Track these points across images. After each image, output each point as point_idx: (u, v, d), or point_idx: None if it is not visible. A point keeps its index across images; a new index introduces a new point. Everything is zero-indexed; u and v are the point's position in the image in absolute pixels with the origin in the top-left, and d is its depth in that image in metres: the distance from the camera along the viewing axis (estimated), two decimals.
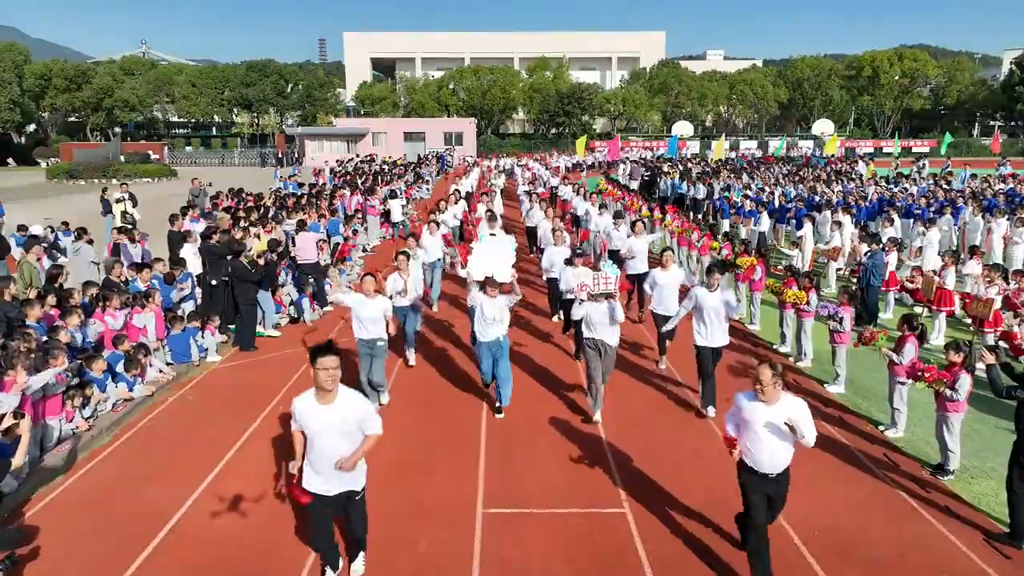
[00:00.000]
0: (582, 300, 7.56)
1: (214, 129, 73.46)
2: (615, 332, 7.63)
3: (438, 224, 12.48)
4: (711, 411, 7.98)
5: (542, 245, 13.30)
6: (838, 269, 14.44)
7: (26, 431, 5.83)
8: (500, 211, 17.04)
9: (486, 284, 7.71)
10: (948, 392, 6.42)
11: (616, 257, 11.97)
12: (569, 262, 9.68)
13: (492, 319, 7.66)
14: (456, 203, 16.39)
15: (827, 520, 5.94)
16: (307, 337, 10.75)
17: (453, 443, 7.41)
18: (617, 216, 13.72)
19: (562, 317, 11.08)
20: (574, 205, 17.88)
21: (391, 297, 8.68)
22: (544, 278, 11.89)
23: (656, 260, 9.81)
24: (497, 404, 8.06)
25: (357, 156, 47.35)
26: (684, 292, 8.90)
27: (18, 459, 5.69)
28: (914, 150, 53.24)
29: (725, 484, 6.56)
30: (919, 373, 6.60)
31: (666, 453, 7.18)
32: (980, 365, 6.44)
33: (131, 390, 8.32)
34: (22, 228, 14.46)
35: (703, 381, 8.04)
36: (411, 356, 9.75)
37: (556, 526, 5.90)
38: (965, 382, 6.40)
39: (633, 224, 11.77)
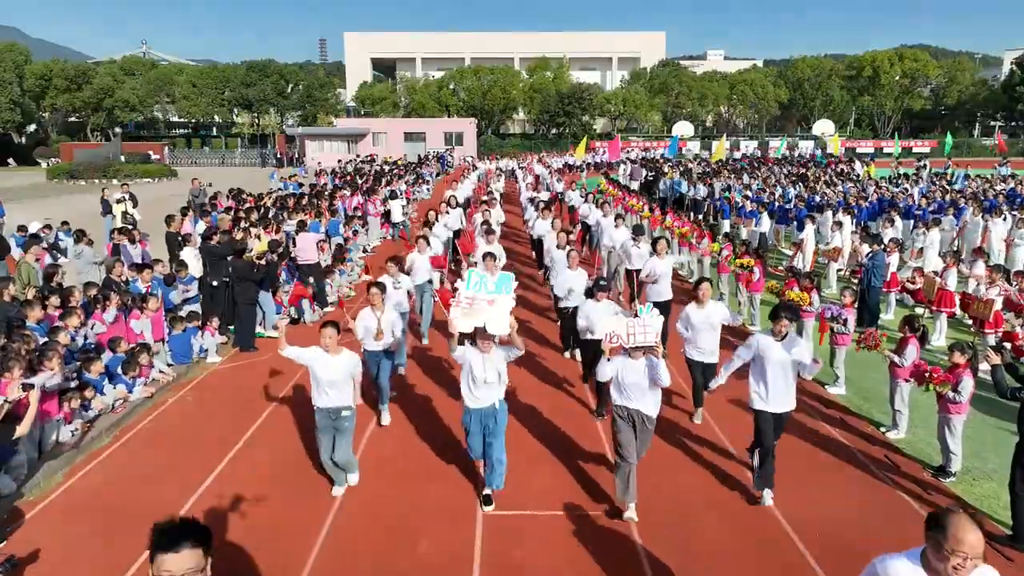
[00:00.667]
0: (610, 357, 5.86)
1: (214, 129, 73.48)
2: (656, 399, 5.92)
3: (428, 241, 10.74)
4: (768, 497, 6.17)
5: (548, 261, 11.66)
6: (839, 270, 14.44)
7: (34, 401, 5.94)
8: (501, 219, 15.64)
9: (476, 335, 5.95)
10: (951, 394, 6.40)
11: (633, 278, 10.76)
12: (590, 294, 8.00)
13: (484, 381, 5.91)
14: (452, 209, 15.21)
15: (828, 522, 5.91)
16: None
17: (452, 446, 7.38)
18: (637, 231, 11.82)
19: (579, 358, 9.33)
20: (583, 214, 16.40)
21: (361, 339, 7.36)
22: (556, 305, 10.28)
23: (687, 288, 8.61)
24: (486, 490, 6.24)
25: (357, 156, 47.42)
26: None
27: (23, 428, 5.86)
28: (915, 150, 53.25)
29: (725, 486, 6.56)
30: (927, 376, 6.56)
31: (666, 455, 7.16)
32: (984, 366, 6.42)
33: (130, 391, 8.30)
34: (22, 228, 14.47)
35: (761, 457, 6.18)
36: (385, 414, 7.94)
37: (557, 528, 5.88)
38: (968, 384, 6.37)
39: (655, 242, 9.93)
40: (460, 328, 5.95)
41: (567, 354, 10.08)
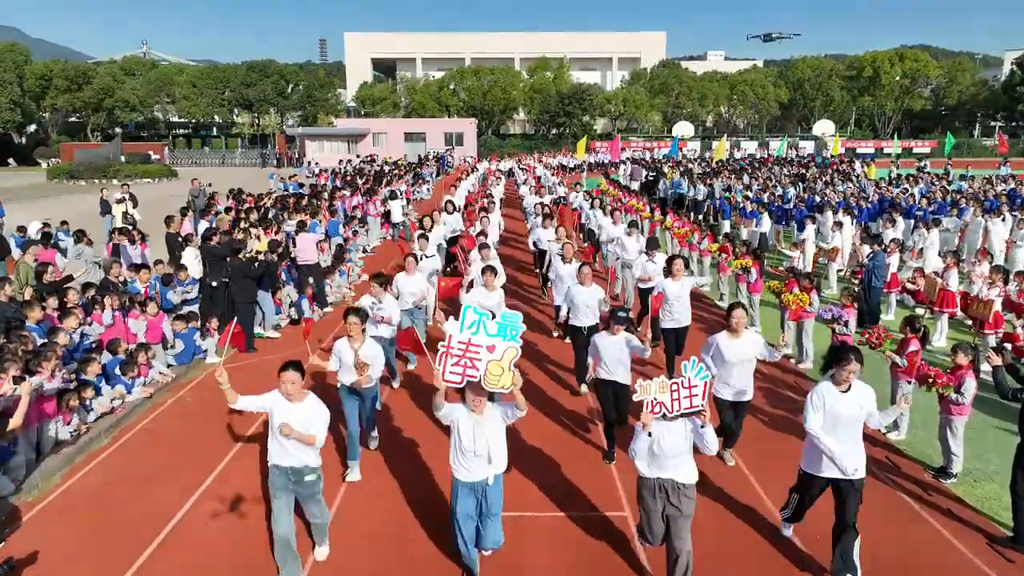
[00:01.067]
0: (650, 431, 4.73)
1: (215, 129, 73.51)
2: (693, 464, 4.90)
3: (417, 259, 9.61)
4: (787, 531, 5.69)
5: (551, 273, 10.48)
6: (839, 270, 14.43)
7: (25, 393, 5.95)
8: (500, 227, 14.66)
9: (468, 391, 4.89)
10: (954, 395, 6.38)
11: (648, 295, 9.61)
12: (605, 325, 6.99)
13: (474, 453, 4.85)
14: (449, 216, 14.16)
15: (829, 523, 5.89)
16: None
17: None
18: (651, 245, 10.35)
19: (593, 395, 8.22)
20: (585, 219, 15.13)
21: (335, 371, 6.42)
22: (557, 320, 9.45)
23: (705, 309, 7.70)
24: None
25: (358, 156, 47.44)
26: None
27: (16, 420, 5.88)
28: (915, 151, 53.25)
29: (725, 487, 6.54)
30: (929, 378, 6.54)
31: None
32: (985, 367, 6.40)
33: (129, 392, 8.29)
34: (21, 229, 14.46)
35: (794, 509, 5.48)
36: (373, 441, 7.20)
37: (557, 529, 5.87)
38: (971, 385, 6.35)
39: (670, 261, 8.75)
40: (448, 381, 4.83)
41: (583, 389, 8.79)
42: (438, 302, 9.77)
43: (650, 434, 4.73)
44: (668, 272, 8.69)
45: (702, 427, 4.71)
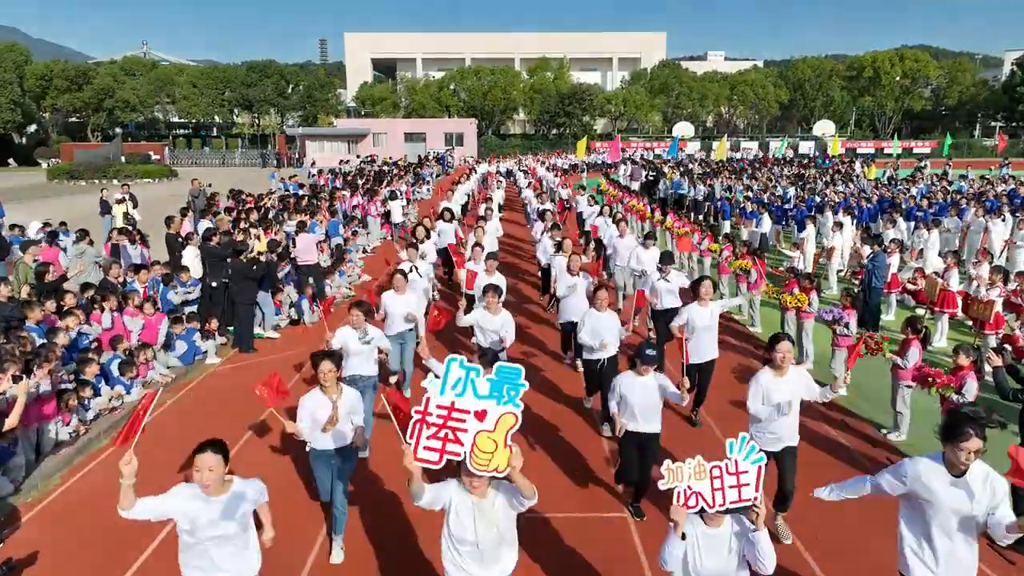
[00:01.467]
0: (684, 533, 3.57)
1: (215, 130, 73.53)
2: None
3: (406, 276, 8.21)
4: None
5: (557, 291, 9.24)
6: (839, 271, 14.43)
7: (22, 393, 5.95)
8: (499, 233, 13.93)
9: (463, 466, 3.54)
10: (955, 396, 6.37)
11: (663, 320, 8.54)
12: (632, 364, 5.79)
13: (477, 546, 3.66)
14: (446, 223, 13.42)
15: (828, 524, 5.89)
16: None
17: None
18: (665, 259, 9.17)
19: (608, 432, 7.33)
20: (600, 229, 13.79)
21: (307, 435, 5.19)
22: (579, 357, 8.64)
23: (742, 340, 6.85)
24: None
25: (358, 157, 47.45)
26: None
27: (12, 419, 5.88)
28: (915, 151, 53.28)
29: None
30: (928, 379, 6.54)
31: (666, 456, 7.13)
32: (986, 368, 6.40)
33: (128, 392, 8.29)
34: (19, 228, 14.43)
35: None
36: (337, 549, 5.49)
37: (556, 530, 5.86)
38: (972, 386, 6.34)
39: (697, 284, 7.48)
40: (422, 460, 3.49)
41: (606, 430, 7.57)
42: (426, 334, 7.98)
43: (684, 536, 3.54)
44: (695, 295, 7.45)
45: (754, 530, 3.46)
